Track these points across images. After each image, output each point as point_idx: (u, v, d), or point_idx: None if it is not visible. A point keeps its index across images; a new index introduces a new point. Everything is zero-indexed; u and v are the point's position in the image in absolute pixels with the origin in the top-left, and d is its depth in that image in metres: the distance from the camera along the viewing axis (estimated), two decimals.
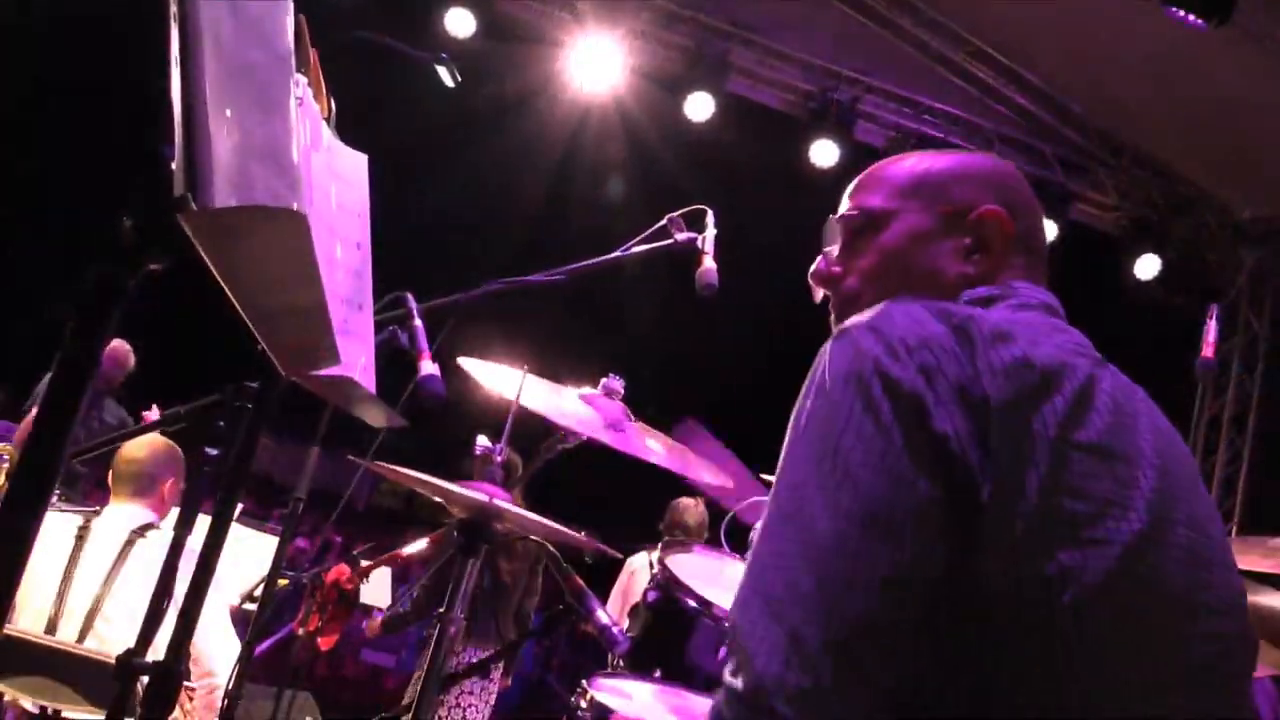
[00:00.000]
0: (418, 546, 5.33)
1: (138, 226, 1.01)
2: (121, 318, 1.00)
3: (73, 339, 0.98)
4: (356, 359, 1.67)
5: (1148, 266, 6.87)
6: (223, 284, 1.12)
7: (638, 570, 4.60)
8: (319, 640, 6.62)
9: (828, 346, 1.01)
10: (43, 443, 0.96)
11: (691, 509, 4.79)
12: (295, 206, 0.98)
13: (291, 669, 5.12)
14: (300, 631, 5.31)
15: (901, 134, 6.75)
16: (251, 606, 3.76)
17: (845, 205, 1.28)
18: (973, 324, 0.98)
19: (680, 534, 4.74)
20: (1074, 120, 6.75)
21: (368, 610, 5.39)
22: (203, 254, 1.07)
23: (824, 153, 6.58)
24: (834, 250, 1.27)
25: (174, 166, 0.94)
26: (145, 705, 1.45)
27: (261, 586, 3.90)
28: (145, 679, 1.47)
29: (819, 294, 1.30)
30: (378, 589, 4.97)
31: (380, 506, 11.92)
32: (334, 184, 1.64)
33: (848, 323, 1.01)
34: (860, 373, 0.95)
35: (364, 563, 5.20)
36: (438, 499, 1.92)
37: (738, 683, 0.91)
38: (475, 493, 1.72)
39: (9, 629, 2.63)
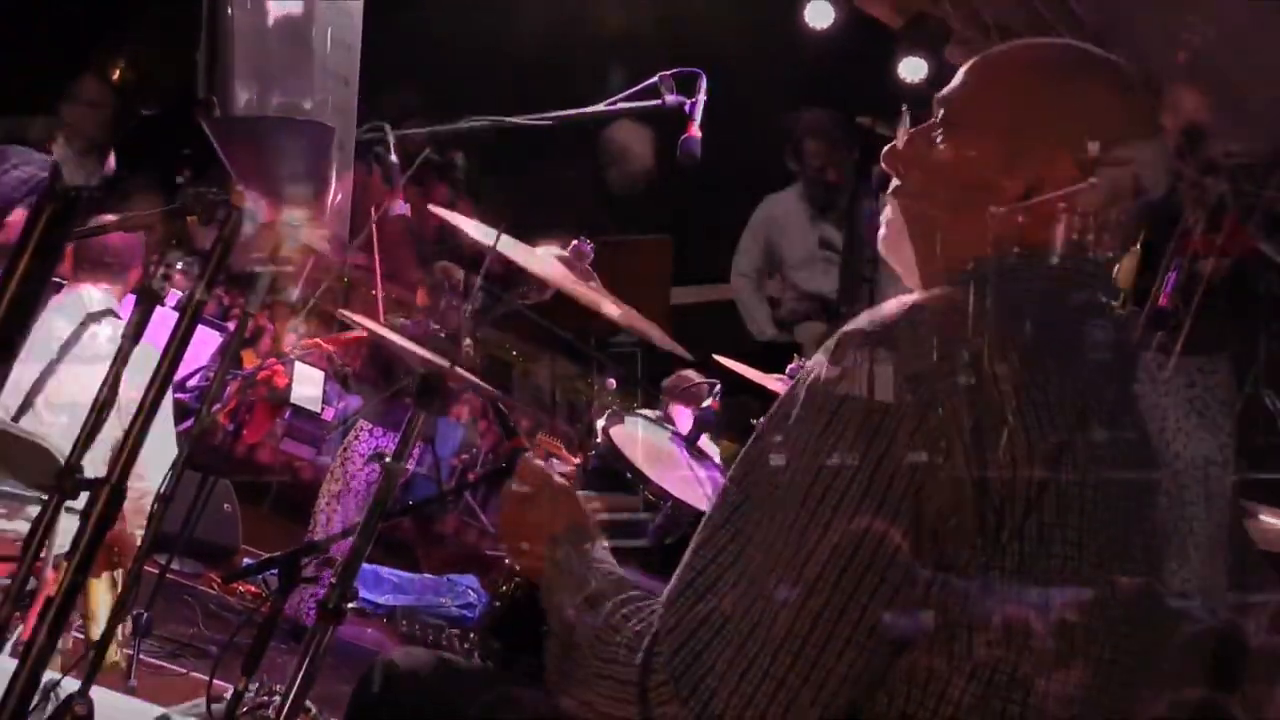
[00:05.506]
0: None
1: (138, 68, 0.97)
2: None
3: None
4: (334, 197, 1.64)
5: None
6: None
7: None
8: (244, 433, 6.61)
9: (833, 345, 0.94)
10: None
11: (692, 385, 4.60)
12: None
13: (214, 455, 5.16)
14: (227, 423, 5.32)
15: None
16: (181, 396, 3.76)
17: (954, 82, 1.13)
18: (1009, 348, 0.91)
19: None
20: None
21: (296, 409, 5.39)
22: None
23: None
24: (915, 129, 1.14)
25: None
26: (88, 521, 1.44)
27: (193, 378, 3.90)
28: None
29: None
30: (308, 388, 4.96)
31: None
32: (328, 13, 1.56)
33: (864, 322, 0.95)
34: (861, 394, 0.89)
35: (297, 352, 5.19)
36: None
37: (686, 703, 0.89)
38: (437, 358, 1.71)
39: None
